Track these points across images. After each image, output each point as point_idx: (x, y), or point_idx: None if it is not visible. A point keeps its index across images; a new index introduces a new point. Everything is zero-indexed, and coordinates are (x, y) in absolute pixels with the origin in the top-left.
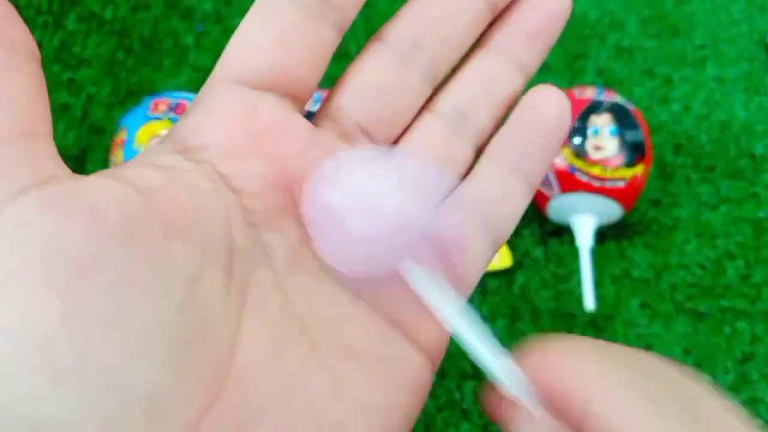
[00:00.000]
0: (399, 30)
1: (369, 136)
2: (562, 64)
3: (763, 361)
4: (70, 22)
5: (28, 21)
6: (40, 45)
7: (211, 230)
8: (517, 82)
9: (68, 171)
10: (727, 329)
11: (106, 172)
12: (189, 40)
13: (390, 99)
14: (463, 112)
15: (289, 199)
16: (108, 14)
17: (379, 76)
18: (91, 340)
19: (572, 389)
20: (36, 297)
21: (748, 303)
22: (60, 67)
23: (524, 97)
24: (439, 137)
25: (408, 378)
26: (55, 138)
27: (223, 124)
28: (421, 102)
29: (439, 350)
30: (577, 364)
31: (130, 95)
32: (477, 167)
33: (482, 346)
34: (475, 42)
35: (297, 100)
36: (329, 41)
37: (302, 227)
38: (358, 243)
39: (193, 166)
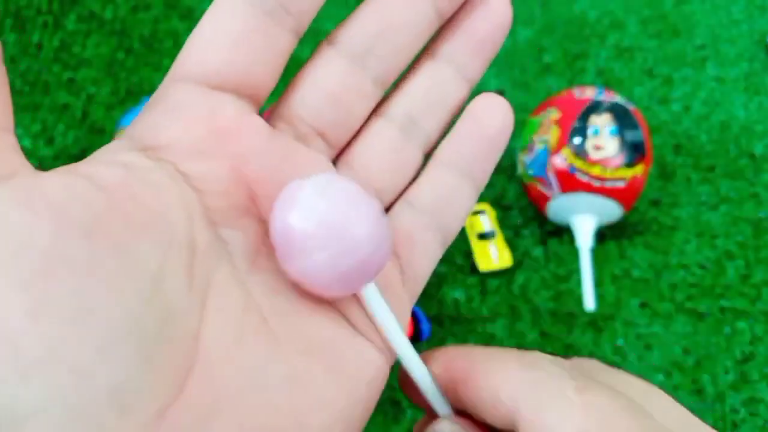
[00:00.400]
0: (351, 34)
1: (324, 138)
2: (562, 64)
3: (763, 361)
4: (70, 22)
5: (28, 21)
6: (40, 45)
7: (173, 227)
8: (463, 89)
9: (30, 166)
10: (727, 329)
11: (67, 168)
12: None
13: (343, 102)
14: (413, 117)
15: (248, 198)
16: (108, 14)
17: (332, 80)
18: (59, 335)
19: (467, 376)
20: (3, 292)
21: (748, 303)
22: (60, 67)
23: (469, 105)
24: (391, 141)
25: (365, 372)
26: (55, 138)
27: (183, 123)
28: (372, 106)
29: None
30: (468, 357)
31: (130, 95)
32: (426, 170)
33: (418, 362)
34: (424, 47)
35: (254, 100)
36: (286, 44)
37: (262, 225)
38: (323, 271)
39: (154, 165)
